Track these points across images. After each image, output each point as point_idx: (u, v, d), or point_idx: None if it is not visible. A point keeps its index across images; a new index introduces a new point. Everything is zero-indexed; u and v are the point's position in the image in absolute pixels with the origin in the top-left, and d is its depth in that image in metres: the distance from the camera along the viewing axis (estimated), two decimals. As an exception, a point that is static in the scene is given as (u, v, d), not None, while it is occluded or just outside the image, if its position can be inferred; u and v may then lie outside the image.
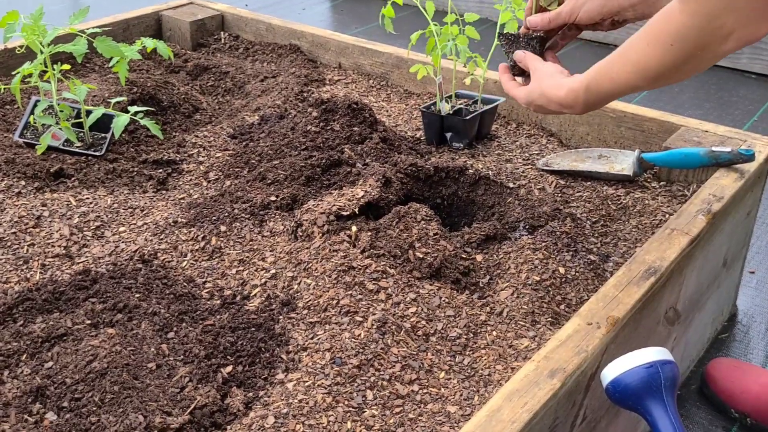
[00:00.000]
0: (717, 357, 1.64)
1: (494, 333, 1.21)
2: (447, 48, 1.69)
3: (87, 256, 1.37)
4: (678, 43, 1.09)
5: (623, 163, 1.63)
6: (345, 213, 1.39)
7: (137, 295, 1.26)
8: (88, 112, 1.67)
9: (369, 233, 1.35)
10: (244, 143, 1.73)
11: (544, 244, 1.35)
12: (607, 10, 1.38)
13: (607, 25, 1.43)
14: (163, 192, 1.58)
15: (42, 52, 1.63)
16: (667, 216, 1.51)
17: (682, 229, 1.33)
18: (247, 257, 1.36)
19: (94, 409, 1.04)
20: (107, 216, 1.48)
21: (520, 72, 1.44)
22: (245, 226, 1.42)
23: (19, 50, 1.81)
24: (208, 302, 1.27)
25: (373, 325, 1.19)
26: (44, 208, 1.48)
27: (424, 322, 1.21)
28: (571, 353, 1.06)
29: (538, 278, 1.29)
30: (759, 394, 1.51)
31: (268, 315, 1.23)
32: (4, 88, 1.80)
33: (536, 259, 1.32)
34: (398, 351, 1.16)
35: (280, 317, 1.23)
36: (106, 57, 1.65)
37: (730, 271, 1.66)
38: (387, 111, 1.95)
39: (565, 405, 1.05)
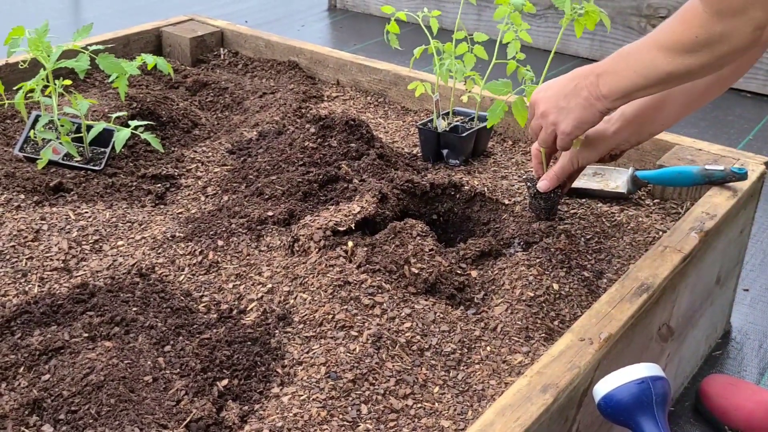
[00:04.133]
0: (711, 374, 1.65)
1: (488, 348, 1.22)
2: (446, 65, 1.70)
3: (85, 270, 1.38)
4: (704, 39, 1.11)
5: (617, 180, 1.65)
6: (341, 228, 1.41)
7: (134, 309, 1.27)
8: (89, 127, 1.69)
9: (365, 249, 1.36)
10: (242, 159, 1.75)
11: (538, 260, 1.36)
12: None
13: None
14: (162, 206, 1.59)
15: (45, 68, 1.65)
16: (660, 233, 1.53)
17: (675, 247, 1.34)
18: (244, 272, 1.38)
19: (91, 421, 1.04)
20: (106, 230, 1.49)
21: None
22: (242, 240, 1.44)
23: (22, 65, 1.83)
24: (205, 316, 1.28)
25: (368, 339, 1.20)
26: (43, 222, 1.49)
27: (418, 337, 1.22)
28: (564, 369, 1.07)
29: (532, 294, 1.30)
30: (753, 411, 1.52)
31: (264, 329, 1.24)
32: (8, 104, 1.82)
33: (530, 275, 1.33)
34: (393, 365, 1.17)
35: (276, 331, 1.24)
36: (107, 73, 1.67)
37: (724, 288, 1.67)
38: (384, 128, 1.97)
39: (558, 420, 1.06)
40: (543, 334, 1.25)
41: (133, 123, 1.67)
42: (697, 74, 1.19)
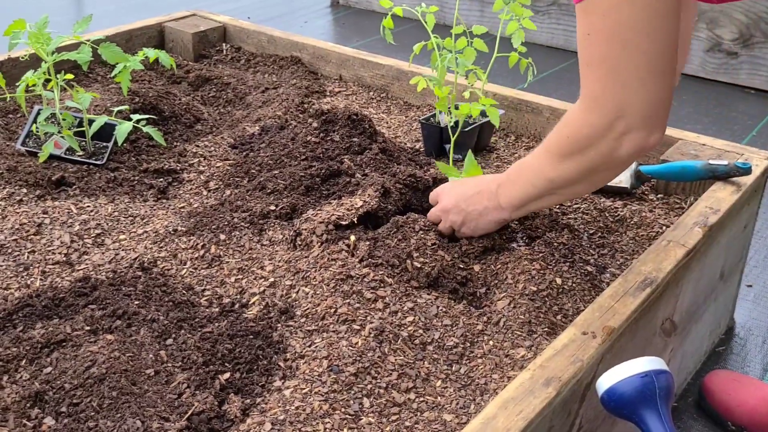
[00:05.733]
0: (714, 370, 1.64)
1: (491, 342, 1.22)
2: (447, 60, 1.70)
3: (87, 264, 1.38)
4: (574, 140, 1.17)
5: (621, 175, 1.64)
6: (344, 222, 1.40)
7: (136, 302, 1.26)
8: (91, 121, 1.69)
9: (367, 243, 1.35)
10: (244, 153, 1.75)
11: (541, 254, 1.36)
12: None
13: None
14: (164, 201, 1.59)
15: (46, 61, 1.64)
16: (664, 228, 1.52)
17: (679, 241, 1.34)
18: (246, 266, 1.37)
19: (92, 414, 1.04)
20: (108, 224, 1.49)
21: None
22: (244, 234, 1.43)
23: (23, 58, 1.83)
24: (207, 310, 1.28)
25: (370, 333, 1.19)
26: (45, 216, 1.49)
27: (421, 331, 1.22)
28: (567, 362, 1.07)
29: (535, 288, 1.30)
30: (756, 407, 1.51)
31: (266, 323, 1.24)
32: (10, 98, 1.82)
33: (533, 269, 1.33)
34: (395, 359, 1.17)
35: (278, 325, 1.23)
36: (109, 66, 1.67)
37: (728, 284, 1.67)
38: (387, 122, 1.96)
39: (561, 414, 1.06)
40: (546, 329, 1.25)
41: (135, 117, 1.67)
42: (575, 181, 1.23)
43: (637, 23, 1.05)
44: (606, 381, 1.05)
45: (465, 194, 1.37)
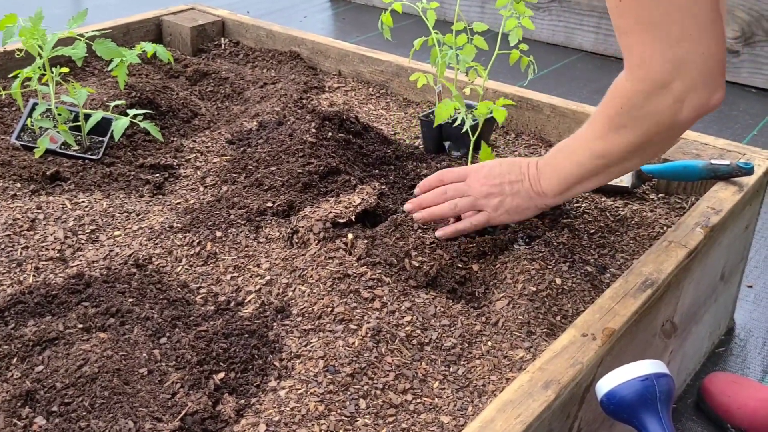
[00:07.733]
0: (714, 371, 1.63)
1: (489, 343, 1.20)
2: (448, 57, 1.68)
3: (81, 260, 1.36)
4: (627, 110, 1.08)
5: (622, 174, 1.62)
6: (341, 220, 1.39)
7: (130, 300, 1.25)
8: (87, 116, 1.67)
9: (365, 241, 1.34)
10: (241, 149, 1.73)
11: (541, 254, 1.34)
12: None
13: None
14: (160, 197, 1.57)
15: (41, 56, 1.62)
16: (665, 228, 1.51)
17: (680, 242, 1.32)
18: (242, 263, 1.36)
19: (84, 414, 1.03)
20: (102, 220, 1.47)
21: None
22: (241, 232, 1.42)
23: (18, 54, 1.81)
24: (202, 308, 1.26)
25: (367, 333, 1.18)
26: (39, 211, 1.47)
27: (418, 331, 1.20)
28: (566, 365, 1.06)
29: (534, 289, 1.28)
30: (756, 409, 1.50)
31: (261, 322, 1.22)
32: (4, 93, 1.80)
33: (533, 269, 1.31)
34: (392, 360, 1.15)
35: (274, 324, 1.22)
36: (105, 60, 1.65)
37: (728, 284, 1.65)
38: (386, 119, 1.95)
39: (560, 417, 1.04)
40: (545, 330, 1.23)
41: (132, 112, 1.65)
42: (629, 155, 1.16)
43: None
44: (606, 384, 1.04)
45: (505, 172, 1.28)
